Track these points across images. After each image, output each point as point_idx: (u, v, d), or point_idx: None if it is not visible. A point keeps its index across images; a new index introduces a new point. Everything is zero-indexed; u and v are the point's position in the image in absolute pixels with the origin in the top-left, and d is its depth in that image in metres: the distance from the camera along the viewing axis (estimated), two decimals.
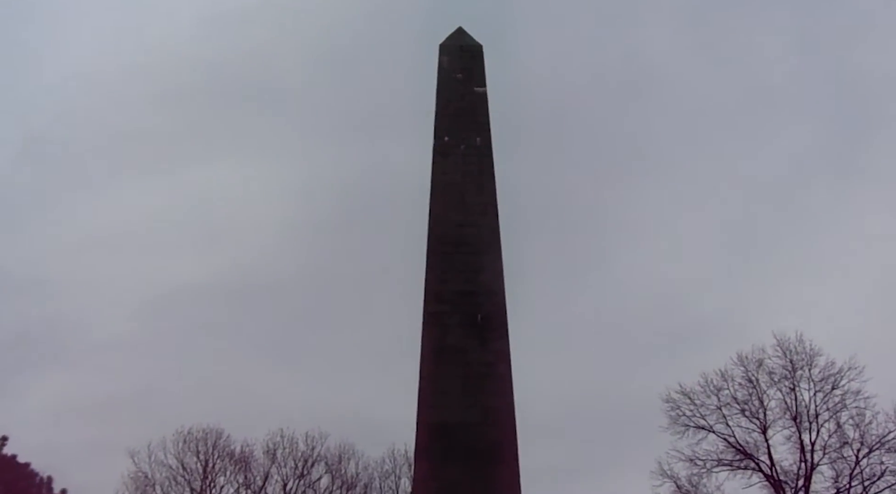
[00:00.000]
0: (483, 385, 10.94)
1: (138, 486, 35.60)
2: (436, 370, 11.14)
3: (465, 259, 12.24)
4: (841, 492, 33.95)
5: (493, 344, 11.31)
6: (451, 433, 10.54)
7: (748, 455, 35.21)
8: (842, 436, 34.57)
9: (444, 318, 11.58)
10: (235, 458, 36.20)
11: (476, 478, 10.16)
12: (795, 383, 35.58)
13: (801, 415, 35.13)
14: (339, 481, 36.06)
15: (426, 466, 10.42)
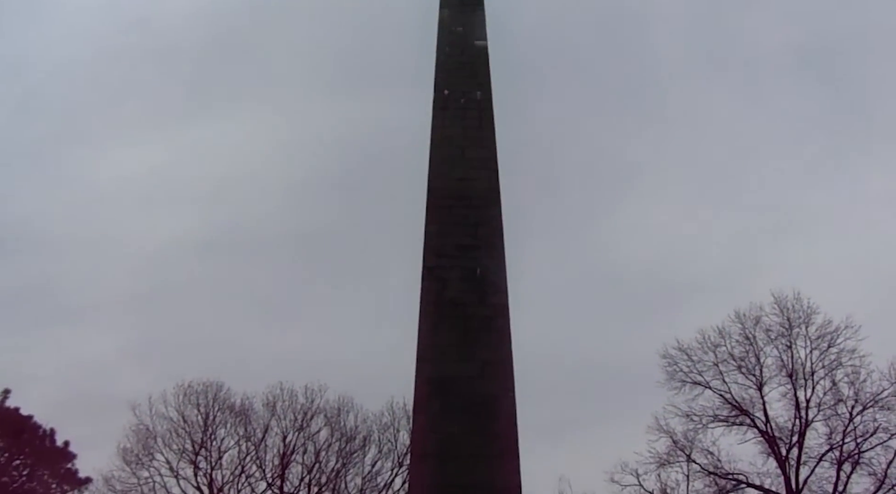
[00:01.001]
0: (482, 338, 10.94)
1: (140, 438, 36.04)
2: (434, 324, 11.13)
3: (464, 213, 12.17)
4: (834, 448, 34.37)
5: (492, 298, 11.29)
6: (449, 386, 10.57)
7: (744, 412, 35.60)
8: (836, 394, 34.99)
9: (442, 272, 11.55)
10: (235, 411, 36.60)
11: (474, 431, 10.20)
12: (792, 341, 35.91)
13: (797, 373, 35.46)
14: (338, 433, 36.46)
15: (424, 419, 10.46)
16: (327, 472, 35.81)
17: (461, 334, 10.99)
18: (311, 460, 35.93)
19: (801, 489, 34.35)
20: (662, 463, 35.78)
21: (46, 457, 37.94)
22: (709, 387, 36.24)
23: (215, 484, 35.24)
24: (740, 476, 35.41)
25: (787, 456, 34.89)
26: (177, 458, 35.70)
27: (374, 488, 35.65)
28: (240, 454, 36.09)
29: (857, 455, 33.97)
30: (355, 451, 36.26)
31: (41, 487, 38.49)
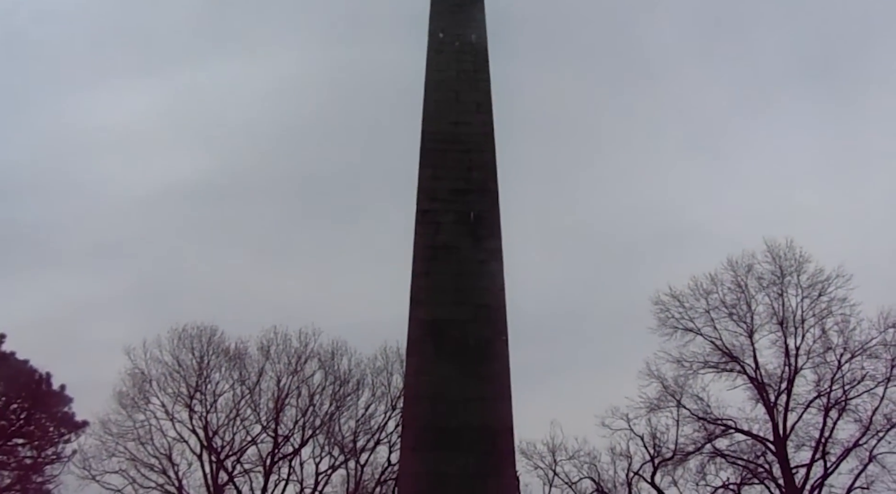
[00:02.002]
0: (475, 282, 10.98)
1: (135, 382, 36.28)
2: (428, 267, 11.15)
3: (458, 157, 12.12)
4: (822, 395, 34.77)
5: (486, 242, 11.30)
6: (442, 329, 10.63)
7: (734, 358, 35.93)
8: (826, 342, 35.28)
9: (436, 216, 11.54)
10: (230, 355, 36.76)
11: (467, 373, 10.28)
12: (783, 289, 36.09)
13: (788, 320, 35.70)
14: (331, 377, 36.72)
15: (417, 362, 10.54)
16: (321, 415, 36.20)
17: (454, 277, 11.02)
18: (305, 403, 36.31)
19: (788, 434, 34.83)
20: (653, 408, 36.24)
21: (43, 401, 38.16)
22: (700, 334, 36.55)
23: (210, 427, 35.57)
24: (729, 422, 35.87)
25: (776, 403, 35.30)
26: (172, 401, 36.06)
27: (367, 431, 36.07)
28: (234, 397, 36.43)
29: (843, 402, 34.38)
30: (349, 394, 36.64)
31: (39, 430, 38.81)
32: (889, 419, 33.31)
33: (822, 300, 35.42)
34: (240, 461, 35.94)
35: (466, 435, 9.94)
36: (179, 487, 34.99)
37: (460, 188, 11.88)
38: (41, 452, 38.28)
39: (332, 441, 36.08)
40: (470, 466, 9.77)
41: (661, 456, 35.82)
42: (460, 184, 11.93)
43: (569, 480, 36.05)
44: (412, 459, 9.98)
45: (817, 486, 33.80)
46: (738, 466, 35.57)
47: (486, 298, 10.86)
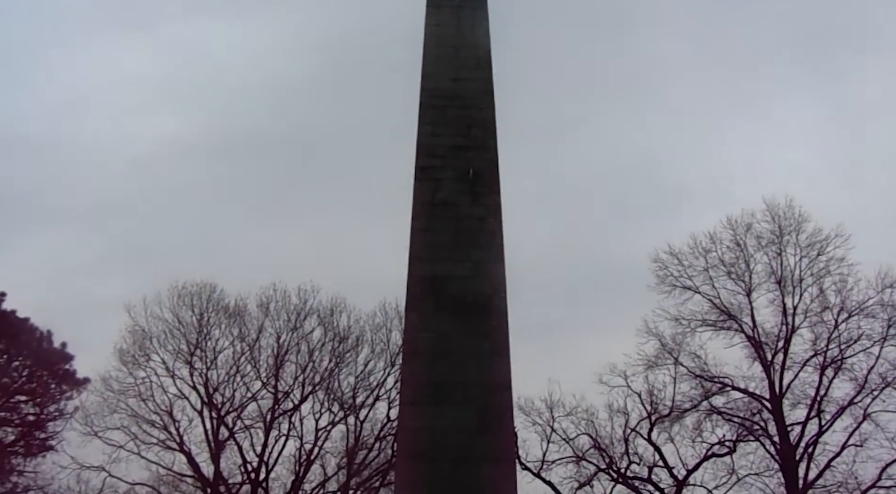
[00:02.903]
0: (474, 239, 11.01)
1: (136, 340, 36.41)
2: (427, 224, 11.17)
3: (457, 113, 12.10)
4: (818, 354, 34.93)
5: (485, 198, 11.32)
6: (441, 285, 10.68)
7: (732, 317, 36.04)
8: (823, 301, 35.32)
9: (435, 173, 11.54)
10: (229, 312, 36.82)
11: (465, 329, 10.36)
12: (782, 248, 36.08)
13: (786, 280, 35.76)
14: (331, 333, 36.77)
15: (416, 318, 10.61)
16: (320, 371, 36.31)
17: (453, 234, 11.05)
18: (305, 360, 36.39)
19: (784, 393, 35.08)
20: (650, 366, 36.41)
21: (44, 359, 38.34)
22: (698, 292, 36.60)
23: (211, 384, 35.76)
24: (726, 380, 36.07)
25: (772, 361, 35.49)
26: (172, 358, 36.14)
27: (366, 387, 36.20)
28: (234, 354, 36.50)
29: (839, 361, 34.53)
30: (348, 351, 36.67)
31: (41, 387, 39.06)
32: (884, 378, 33.50)
33: (821, 259, 35.46)
34: (240, 417, 36.21)
35: (465, 391, 10.03)
36: (181, 443, 35.29)
37: (459, 145, 11.87)
38: (43, 409, 38.56)
39: (331, 398, 36.29)
40: (468, 421, 9.88)
41: (658, 413, 36.09)
42: (459, 140, 11.92)
43: (566, 436, 36.34)
44: (411, 414, 10.08)
45: (812, 443, 34.11)
46: (733, 423, 35.86)
47: (484, 255, 10.90)
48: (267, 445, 35.59)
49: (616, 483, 36.10)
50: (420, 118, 12.19)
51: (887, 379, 33.44)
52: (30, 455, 37.93)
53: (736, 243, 36.67)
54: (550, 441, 36.11)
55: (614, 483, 36.12)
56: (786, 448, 33.96)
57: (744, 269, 36.42)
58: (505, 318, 10.57)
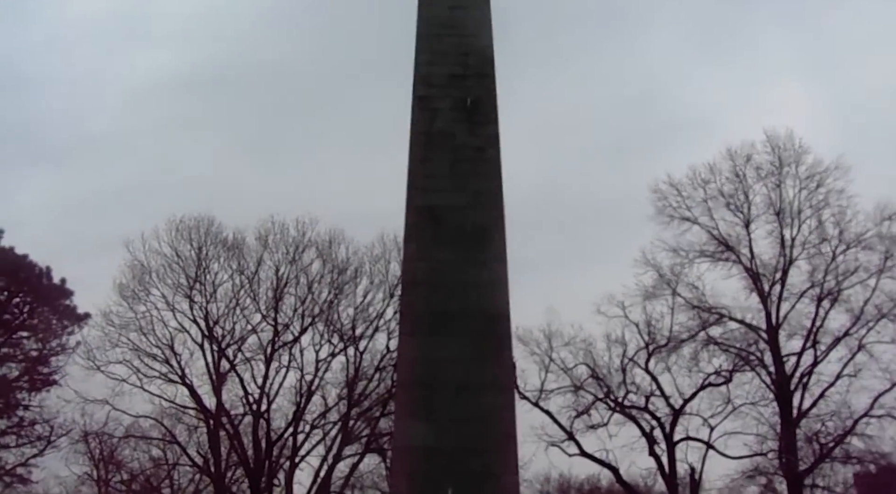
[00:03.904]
0: (472, 168, 10.94)
1: (135, 274, 36.42)
2: (425, 154, 11.09)
3: (454, 41, 11.90)
4: (815, 286, 35.08)
5: (483, 128, 11.21)
6: (439, 216, 10.64)
7: (730, 248, 36.09)
8: (821, 233, 35.34)
9: (432, 102, 11.42)
10: (228, 245, 36.72)
11: (464, 259, 10.37)
12: (781, 179, 35.97)
13: (784, 211, 35.73)
14: (329, 265, 36.76)
15: (415, 248, 10.60)
16: (320, 303, 36.37)
17: (451, 164, 10.98)
18: (304, 292, 36.41)
19: (780, 323, 35.35)
20: (648, 296, 36.58)
21: (45, 295, 38.51)
22: (697, 223, 36.56)
23: (211, 317, 35.87)
24: (723, 311, 36.28)
25: (769, 292, 35.67)
26: (172, 292, 36.16)
27: (366, 318, 36.30)
28: (234, 287, 36.52)
29: (836, 293, 34.69)
30: (347, 282, 36.69)
31: (42, 323, 39.31)
32: (880, 309, 33.71)
33: (820, 191, 35.37)
34: (241, 349, 36.45)
35: (463, 320, 10.07)
36: (182, 376, 35.62)
37: (457, 74, 11.72)
38: (46, 344, 38.89)
39: (331, 329, 36.46)
40: (467, 350, 9.94)
41: (656, 343, 36.38)
42: (457, 69, 11.77)
43: (564, 366, 36.68)
44: (410, 344, 10.14)
45: (807, 374, 34.50)
46: (730, 353, 36.20)
47: (482, 184, 10.84)
48: (268, 377, 35.94)
49: (613, 412, 36.60)
50: (417, 47, 12.02)
51: (883, 311, 33.67)
52: (34, 390, 38.41)
53: (735, 174, 36.54)
54: (549, 371, 36.48)
55: (612, 412, 36.62)
56: (781, 379, 34.39)
57: (742, 200, 36.37)
58: (503, 248, 10.56)
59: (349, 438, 35.00)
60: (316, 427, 36.44)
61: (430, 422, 9.56)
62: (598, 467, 38.40)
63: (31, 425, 38.40)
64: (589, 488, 51.08)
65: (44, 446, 39.29)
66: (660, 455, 36.06)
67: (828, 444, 33.55)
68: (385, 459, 33.63)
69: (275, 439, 35.96)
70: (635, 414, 36.51)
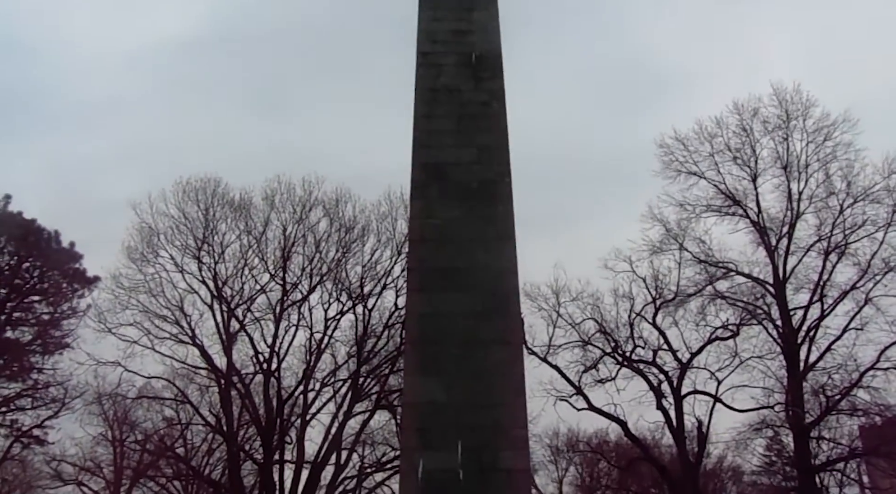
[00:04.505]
0: (477, 124, 10.92)
1: (143, 237, 36.50)
2: (430, 110, 11.07)
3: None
4: (822, 239, 35.04)
5: (488, 83, 11.16)
6: (445, 172, 10.65)
7: (736, 202, 36.04)
8: (829, 186, 35.25)
9: (437, 58, 11.36)
10: (235, 206, 36.73)
11: (471, 215, 10.39)
12: (789, 133, 35.78)
13: (792, 165, 35.59)
14: (337, 224, 36.73)
15: (422, 205, 10.62)
16: (328, 262, 36.40)
17: (457, 120, 10.96)
18: (312, 251, 36.39)
19: (787, 277, 35.38)
20: (655, 251, 36.59)
21: (54, 258, 38.67)
22: (703, 177, 36.47)
23: (220, 278, 35.95)
24: (730, 265, 36.32)
25: (776, 246, 35.65)
26: (180, 254, 36.18)
27: (373, 276, 36.30)
28: (242, 247, 36.51)
29: (843, 246, 34.63)
30: (354, 241, 36.61)
31: (53, 287, 39.54)
32: (887, 263, 33.66)
33: (828, 145, 35.16)
34: (250, 309, 36.57)
35: (471, 276, 10.12)
36: (193, 336, 35.81)
37: (462, 29, 11.65)
38: (57, 308, 39.16)
39: (339, 288, 36.53)
40: (475, 306, 10.00)
41: (663, 298, 36.47)
42: (461, 25, 11.70)
43: (572, 321, 36.80)
44: (418, 300, 10.19)
45: (813, 327, 34.58)
46: (737, 307, 36.29)
47: (488, 140, 10.82)
48: (277, 336, 36.15)
49: (621, 367, 36.83)
50: (420, 3, 11.95)
51: (890, 264, 33.63)
52: (47, 353, 38.78)
53: (742, 128, 36.37)
54: (556, 326, 36.62)
55: (619, 367, 36.84)
56: (788, 332, 34.49)
57: (749, 154, 36.23)
58: (510, 203, 10.57)
59: (359, 395, 35.31)
60: (326, 385, 36.77)
61: (440, 378, 9.65)
62: (606, 421, 38.72)
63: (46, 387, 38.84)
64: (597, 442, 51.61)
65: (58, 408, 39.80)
66: (667, 409, 36.34)
67: (834, 397, 33.73)
68: (395, 415, 33.94)
69: (286, 397, 36.27)
70: (643, 369, 36.74)
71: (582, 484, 63.77)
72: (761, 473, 43.28)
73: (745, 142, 36.23)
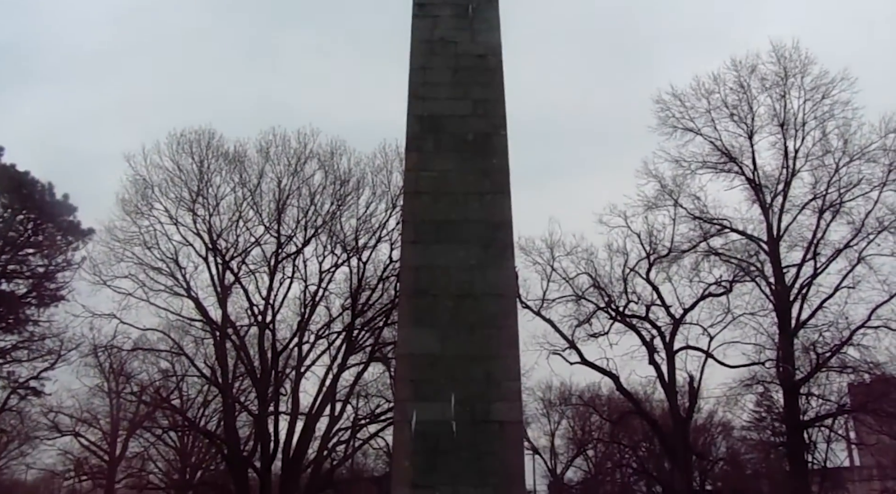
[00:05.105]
0: (473, 76, 10.85)
1: (137, 189, 36.35)
2: (426, 62, 10.99)
3: None
4: (817, 198, 35.11)
5: (484, 36, 11.06)
6: (441, 124, 10.61)
7: (732, 159, 36.03)
8: (825, 145, 35.26)
9: (433, 9, 11.24)
10: (229, 158, 36.54)
11: (466, 168, 10.38)
12: (786, 90, 35.64)
13: (789, 123, 35.53)
14: (331, 176, 36.62)
15: (417, 157, 10.59)
16: (322, 215, 36.30)
17: (453, 72, 10.88)
18: (307, 203, 36.29)
19: (781, 235, 35.48)
20: (650, 207, 36.67)
21: (48, 211, 38.55)
22: (700, 134, 36.39)
23: (214, 230, 35.88)
24: (724, 222, 36.41)
25: (771, 204, 35.70)
26: (175, 206, 36.03)
27: (368, 229, 36.25)
28: (236, 200, 36.37)
29: (838, 205, 34.68)
30: (349, 193, 36.53)
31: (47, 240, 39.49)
32: (881, 222, 33.75)
33: (825, 103, 35.01)
34: (245, 261, 36.60)
35: (466, 229, 10.13)
36: (188, 288, 35.87)
37: None
38: (51, 260, 39.14)
39: (334, 240, 36.53)
40: (469, 258, 10.03)
41: (657, 254, 36.64)
42: None
43: (566, 275, 36.99)
44: (413, 253, 10.22)
45: (806, 285, 34.78)
46: (730, 264, 36.47)
47: (484, 93, 10.76)
48: (272, 288, 36.25)
49: (614, 321, 37.11)
50: None
51: (884, 223, 33.75)
52: (42, 306, 38.87)
53: (740, 85, 36.22)
54: (550, 281, 36.84)
55: (612, 322, 37.13)
56: (780, 289, 34.70)
57: (746, 111, 36.13)
58: (505, 156, 10.55)
59: (353, 347, 35.53)
60: (321, 338, 36.99)
61: (433, 330, 9.72)
62: (598, 375, 39.15)
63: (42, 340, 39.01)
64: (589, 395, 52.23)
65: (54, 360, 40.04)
66: (659, 364, 36.72)
67: (824, 354, 34.06)
68: (389, 367, 34.21)
69: (280, 349, 36.51)
70: (636, 324, 37.02)
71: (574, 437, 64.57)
72: (751, 428, 43.80)
73: (742, 98, 36.12)
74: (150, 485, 54.88)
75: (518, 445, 9.80)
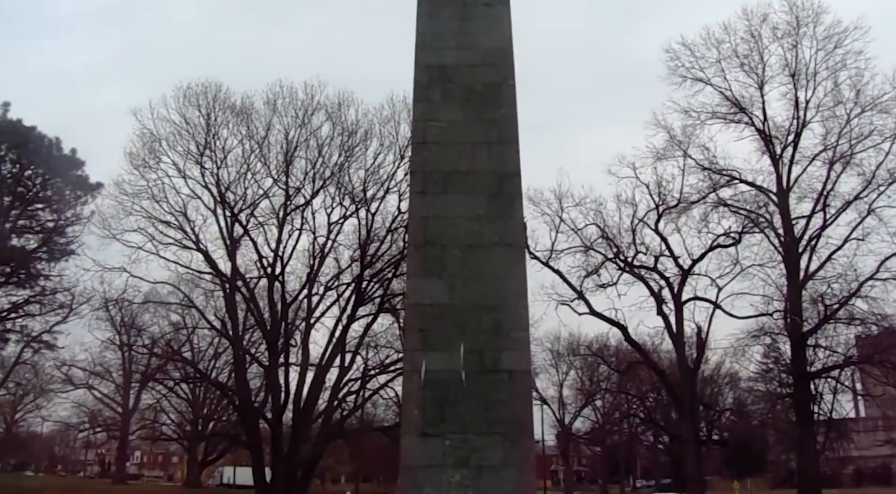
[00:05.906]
0: (481, 26, 10.71)
1: (145, 143, 36.21)
2: (432, 10, 10.84)
3: None
4: (828, 149, 34.89)
5: None
6: (448, 74, 10.50)
7: (742, 109, 35.74)
8: (837, 95, 34.91)
9: None
10: (237, 110, 36.36)
11: (474, 118, 10.29)
12: (798, 40, 35.22)
13: (800, 73, 35.15)
14: (339, 128, 36.43)
15: (424, 107, 10.50)
16: (330, 166, 36.27)
17: (461, 21, 10.74)
18: (315, 155, 36.24)
19: (791, 186, 35.35)
20: (659, 157, 36.57)
21: (56, 166, 38.63)
22: (709, 84, 36.06)
23: (222, 183, 35.85)
24: (734, 172, 36.29)
25: (781, 155, 35.51)
26: (183, 159, 35.95)
27: (376, 181, 36.13)
28: (244, 152, 36.33)
29: (849, 156, 34.47)
30: (357, 145, 36.39)
31: (56, 195, 39.61)
32: (892, 174, 33.56)
33: (837, 53, 34.57)
34: (253, 214, 36.68)
35: (474, 179, 10.09)
36: (197, 241, 35.96)
37: None
38: (61, 215, 39.35)
39: (342, 192, 36.49)
40: (478, 208, 10.01)
41: (666, 204, 36.62)
42: None
43: (575, 226, 37.06)
44: (421, 203, 10.19)
45: (815, 237, 34.75)
46: (740, 215, 36.43)
47: (492, 42, 10.63)
48: (281, 240, 36.37)
49: (623, 272, 37.24)
50: None
51: (895, 175, 33.52)
52: (53, 260, 39.21)
53: (751, 34, 35.79)
54: (559, 232, 36.93)
55: (621, 272, 37.27)
56: (789, 241, 34.66)
57: (757, 61, 35.74)
58: (514, 107, 10.46)
59: (362, 299, 35.70)
60: (330, 289, 37.25)
61: (442, 280, 9.73)
62: (606, 326, 39.44)
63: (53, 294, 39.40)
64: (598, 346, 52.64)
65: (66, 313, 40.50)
66: (667, 315, 36.92)
67: (832, 306, 34.15)
68: (398, 318, 34.41)
69: (290, 301, 36.75)
70: (644, 274, 37.15)
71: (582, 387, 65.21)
72: (758, 379, 44.18)
73: (752, 48, 35.72)
74: (162, 436, 55.80)
75: (526, 394, 9.87)
